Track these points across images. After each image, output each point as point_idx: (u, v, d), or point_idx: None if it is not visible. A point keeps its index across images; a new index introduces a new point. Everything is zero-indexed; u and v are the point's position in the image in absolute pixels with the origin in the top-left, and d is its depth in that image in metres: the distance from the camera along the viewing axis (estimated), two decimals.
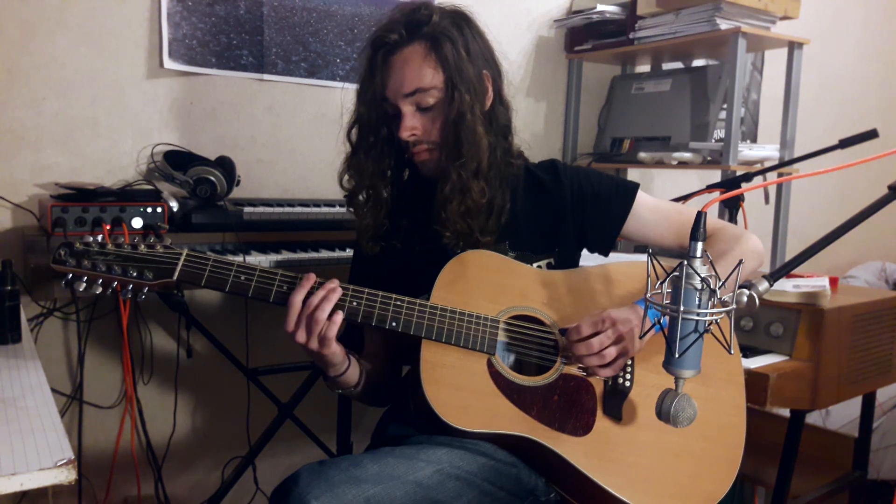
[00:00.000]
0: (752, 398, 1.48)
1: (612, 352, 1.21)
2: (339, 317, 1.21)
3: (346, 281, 1.28)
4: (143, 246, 1.19)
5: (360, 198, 1.40)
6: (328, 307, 1.20)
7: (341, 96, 1.45)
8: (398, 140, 1.34)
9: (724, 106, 2.39)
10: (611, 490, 1.20)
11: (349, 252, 1.92)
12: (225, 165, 1.97)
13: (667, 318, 1.01)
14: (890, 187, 1.18)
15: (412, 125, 1.31)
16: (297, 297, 1.20)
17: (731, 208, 2.03)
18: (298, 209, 1.98)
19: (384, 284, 1.27)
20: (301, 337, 1.20)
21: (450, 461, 1.18)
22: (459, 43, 1.30)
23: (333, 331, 1.21)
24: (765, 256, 1.45)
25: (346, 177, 1.42)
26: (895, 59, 3.86)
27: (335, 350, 1.24)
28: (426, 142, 1.33)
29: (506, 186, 1.38)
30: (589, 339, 1.21)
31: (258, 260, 1.84)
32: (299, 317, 1.20)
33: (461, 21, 1.34)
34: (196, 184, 1.88)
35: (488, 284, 1.31)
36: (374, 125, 1.35)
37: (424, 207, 1.39)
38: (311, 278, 1.22)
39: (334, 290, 1.21)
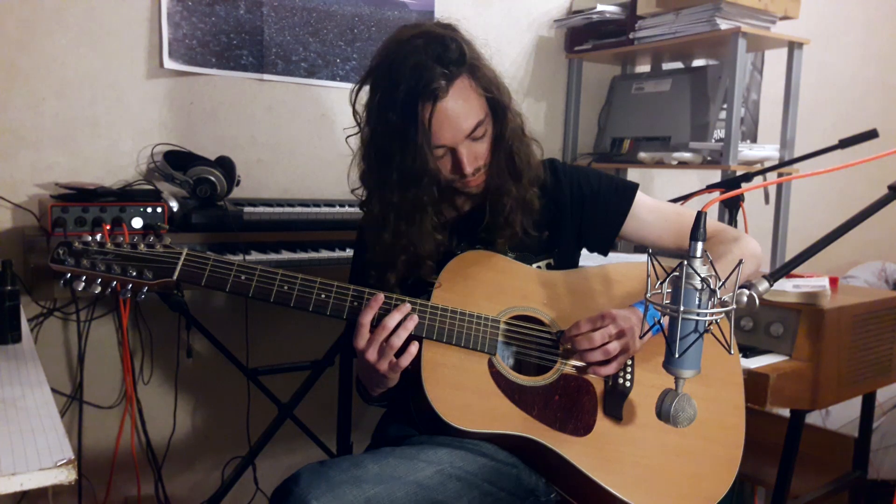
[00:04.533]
0: (752, 398, 1.48)
1: (614, 346, 1.21)
2: (415, 348, 1.20)
3: (347, 281, 1.28)
4: (142, 245, 1.19)
5: (418, 256, 1.31)
6: (404, 335, 1.19)
7: (354, 96, 1.34)
8: (443, 177, 1.30)
9: (724, 106, 2.39)
10: (611, 490, 1.20)
11: (349, 252, 1.92)
12: (225, 165, 1.97)
13: (667, 318, 1.01)
14: (890, 187, 1.18)
15: (472, 158, 1.28)
16: (366, 318, 1.20)
17: (731, 208, 2.03)
18: (298, 209, 1.98)
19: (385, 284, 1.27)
20: (372, 356, 1.20)
21: (450, 461, 1.18)
22: (483, 60, 1.28)
23: (407, 361, 1.20)
24: (763, 259, 1.45)
25: (396, 242, 1.30)
26: (895, 59, 3.86)
27: (397, 376, 1.24)
28: (481, 167, 1.31)
29: None
30: (590, 333, 1.22)
31: (258, 260, 1.83)
32: (371, 339, 1.20)
33: (460, 34, 1.29)
34: (196, 184, 1.88)
35: (488, 284, 1.31)
36: (431, 181, 1.27)
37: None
38: (380, 299, 1.21)
39: (412, 317, 1.21)
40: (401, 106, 1.22)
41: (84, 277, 1.16)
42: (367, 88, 1.31)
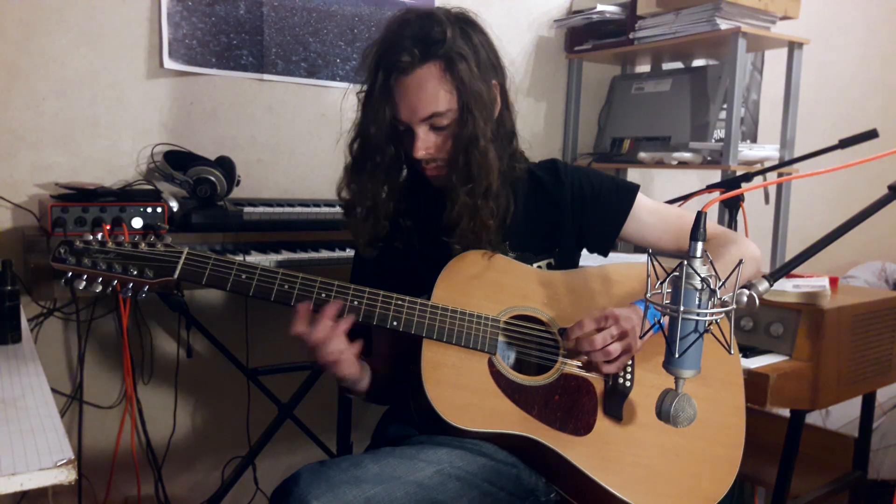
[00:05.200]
0: (752, 398, 1.48)
1: (616, 347, 1.21)
2: (350, 351, 1.23)
3: (348, 280, 1.28)
4: (143, 245, 1.19)
5: (359, 211, 1.37)
6: (331, 345, 1.21)
7: (343, 99, 1.40)
8: (406, 154, 1.33)
9: (724, 106, 2.39)
10: (611, 490, 1.20)
11: (349, 252, 1.92)
12: (225, 165, 1.97)
13: (667, 318, 1.01)
14: (890, 187, 1.18)
15: (426, 145, 1.29)
16: (299, 329, 1.21)
17: (731, 208, 2.03)
18: (298, 209, 1.98)
19: (386, 284, 1.27)
20: (316, 351, 1.23)
21: (450, 461, 1.18)
22: (472, 60, 1.27)
23: (343, 367, 1.23)
24: (762, 262, 1.45)
25: (346, 191, 1.39)
26: (895, 59, 3.86)
27: (347, 374, 1.27)
28: (438, 159, 1.32)
29: (509, 190, 1.37)
30: (592, 334, 1.21)
31: (258, 260, 1.83)
32: (310, 345, 1.22)
33: (469, 29, 1.31)
34: (196, 184, 1.88)
35: (489, 284, 1.31)
36: (381, 146, 1.31)
37: (427, 208, 1.39)
38: (303, 310, 1.21)
39: (335, 328, 1.21)
40: (374, 69, 1.29)
41: (85, 276, 1.16)
42: None
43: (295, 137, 2.30)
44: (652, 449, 1.26)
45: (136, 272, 1.17)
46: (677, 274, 0.98)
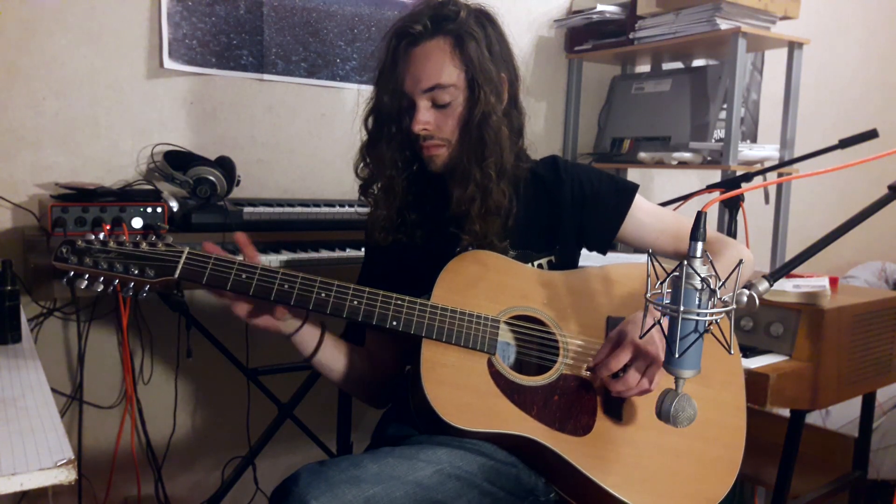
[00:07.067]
0: (752, 398, 1.48)
1: (644, 383, 1.22)
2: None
3: (356, 280, 1.28)
4: (144, 244, 1.19)
5: (375, 187, 1.40)
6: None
7: (357, 98, 1.42)
8: (409, 132, 1.34)
9: (724, 106, 2.39)
10: (610, 490, 1.20)
11: (349, 252, 1.92)
12: (225, 165, 1.97)
13: (667, 317, 1.01)
14: (890, 187, 1.18)
15: (425, 119, 1.30)
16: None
17: (731, 208, 2.03)
18: (298, 209, 1.98)
19: (388, 282, 1.27)
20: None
21: (450, 461, 1.18)
22: (483, 42, 1.30)
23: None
24: (755, 266, 1.46)
25: (361, 165, 1.41)
26: (895, 59, 3.86)
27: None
28: (438, 138, 1.33)
29: (511, 190, 1.37)
30: (623, 371, 1.22)
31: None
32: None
33: (485, 20, 1.34)
34: (196, 184, 1.88)
35: (489, 284, 1.31)
36: (393, 115, 1.34)
37: (433, 203, 1.39)
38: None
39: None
40: (388, 39, 1.33)
41: (87, 276, 1.16)
42: None
43: (295, 137, 2.30)
44: (652, 449, 1.26)
45: (137, 272, 1.17)
46: (677, 274, 0.98)
